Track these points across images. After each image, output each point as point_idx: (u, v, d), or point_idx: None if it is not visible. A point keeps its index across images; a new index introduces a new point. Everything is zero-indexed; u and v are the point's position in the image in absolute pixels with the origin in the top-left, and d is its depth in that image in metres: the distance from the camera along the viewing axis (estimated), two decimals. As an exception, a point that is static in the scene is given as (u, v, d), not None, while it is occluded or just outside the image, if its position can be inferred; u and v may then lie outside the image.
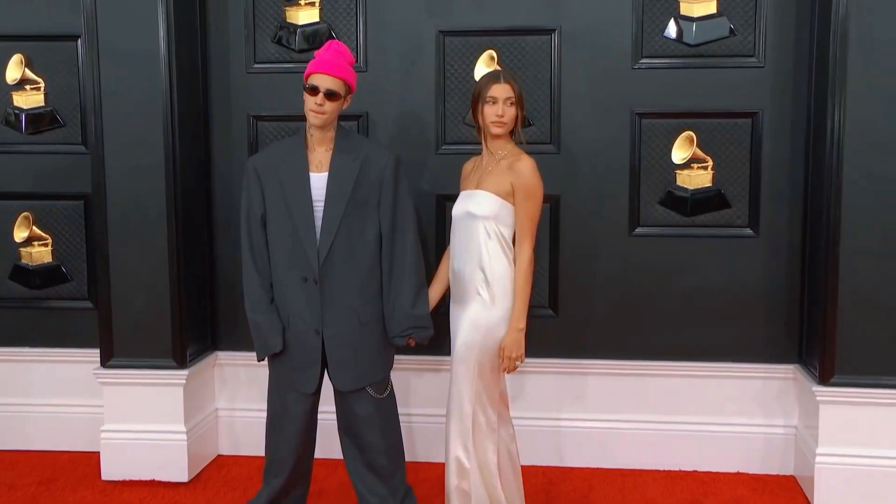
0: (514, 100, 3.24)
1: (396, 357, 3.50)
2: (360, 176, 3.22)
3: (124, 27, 3.86)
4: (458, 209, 3.37)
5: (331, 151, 3.26)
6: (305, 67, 3.24)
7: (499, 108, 3.22)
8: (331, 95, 3.15)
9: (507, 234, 3.29)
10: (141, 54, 3.87)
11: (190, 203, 4.07)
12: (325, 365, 3.32)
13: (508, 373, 3.30)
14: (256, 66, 4.16)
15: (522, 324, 3.25)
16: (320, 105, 3.14)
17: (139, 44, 3.87)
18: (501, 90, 3.23)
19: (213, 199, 4.25)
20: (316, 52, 3.25)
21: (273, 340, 3.28)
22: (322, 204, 3.23)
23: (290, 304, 3.27)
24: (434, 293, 3.51)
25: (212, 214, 4.26)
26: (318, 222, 3.23)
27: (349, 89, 3.25)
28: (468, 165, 3.51)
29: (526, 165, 3.24)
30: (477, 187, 3.32)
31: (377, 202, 3.27)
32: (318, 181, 3.24)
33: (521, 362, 3.27)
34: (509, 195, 3.25)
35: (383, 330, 3.33)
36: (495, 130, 3.25)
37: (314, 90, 3.15)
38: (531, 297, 3.31)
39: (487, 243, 3.25)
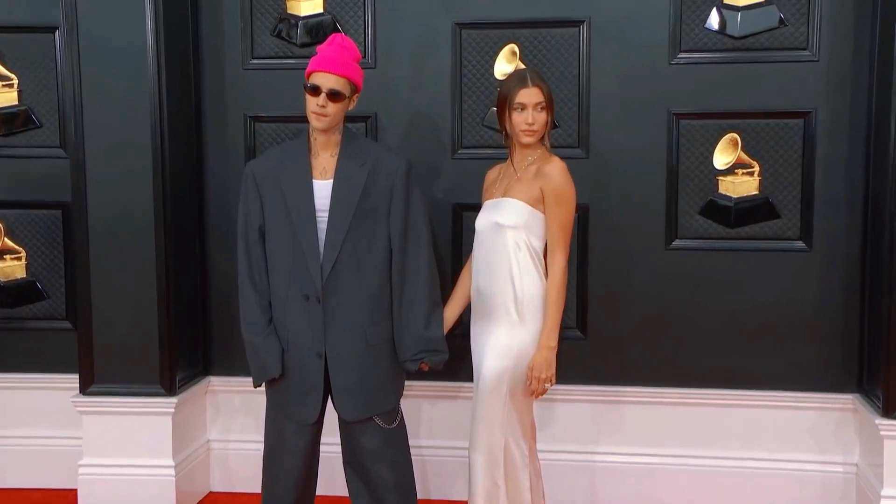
0: (544, 104, 3.22)
1: (408, 383, 3.49)
2: (368, 184, 3.19)
3: (108, 18, 3.80)
4: (482, 220, 3.34)
5: (336, 157, 3.22)
6: (307, 64, 3.20)
7: (528, 116, 3.19)
8: (334, 96, 3.12)
9: (539, 245, 3.26)
10: (126, 48, 3.81)
11: (180, 212, 4.01)
12: (328, 392, 3.28)
13: (537, 397, 3.27)
14: (254, 61, 4.10)
15: (554, 342, 3.22)
16: (323, 107, 3.11)
17: (124, 36, 3.80)
18: (530, 95, 3.19)
19: (205, 208, 4.20)
20: (318, 48, 3.21)
21: (271, 364, 3.24)
22: (326, 214, 3.19)
23: (290, 324, 3.23)
24: (451, 313, 3.47)
25: (204, 225, 4.20)
26: (322, 234, 3.19)
27: (355, 88, 3.21)
28: (492, 173, 3.48)
29: (556, 167, 3.22)
30: (504, 195, 3.29)
31: (387, 212, 3.24)
32: (323, 189, 3.20)
33: (552, 384, 3.25)
34: (539, 202, 3.23)
35: (393, 353, 3.30)
36: (526, 140, 3.24)
37: (316, 90, 3.11)
38: (557, 316, 3.28)
39: (517, 256, 3.22)
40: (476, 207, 3.45)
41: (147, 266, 3.88)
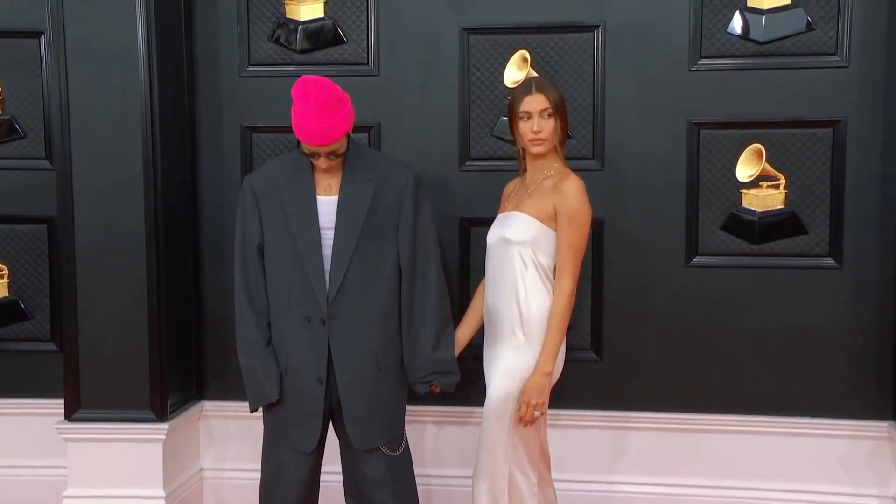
0: (551, 110, 3.19)
1: (415, 407, 3.54)
2: (375, 199, 3.17)
3: (96, 22, 3.76)
4: (492, 234, 3.33)
5: (340, 171, 3.20)
6: (292, 117, 3.12)
7: (534, 124, 3.17)
8: (333, 153, 3.12)
9: (547, 263, 3.23)
10: (116, 54, 3.78)
11: (173, 227, 3.98)
12: (328, 418, 3.27)
13: (525, 424, 3.20)
14: (251, 68, 4.07)
15: (550, 367, 3.18)
16: (326, 164, 3.13)
17: (114, 41, 3.77)
18: (535, 102, 3.18)
19: (200, 222, 4.17)
20: (294, 91, 3.08)
21: (268, 388, 3.21)
22: (331, 232, 3.16)
23: (290, 347, 3.20)
24: (464, 332, 3.47)
25: (198, 240, 4.17)
26: (328, 253, 3.15)
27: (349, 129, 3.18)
28: (510, 186, 3.47)
29: (573, 185, 3.19)
30: (515, 209, 3.27)
31: (395, 229, 3.22)
32: (327, 206, 3.18)
33: (542, 413, 3.21)
34: (551, 219, 3.20)
35: (403, 377, 3.29)
36: (535, 149, 3.22)
37: (314, 156, 3.13)
38: (570, 339, 3.31)
39: (524, 274, 3.20)
40: (485, 222, 3.43)
41: (137, 284, 3.84)
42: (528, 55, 3.87)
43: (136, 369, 3.86)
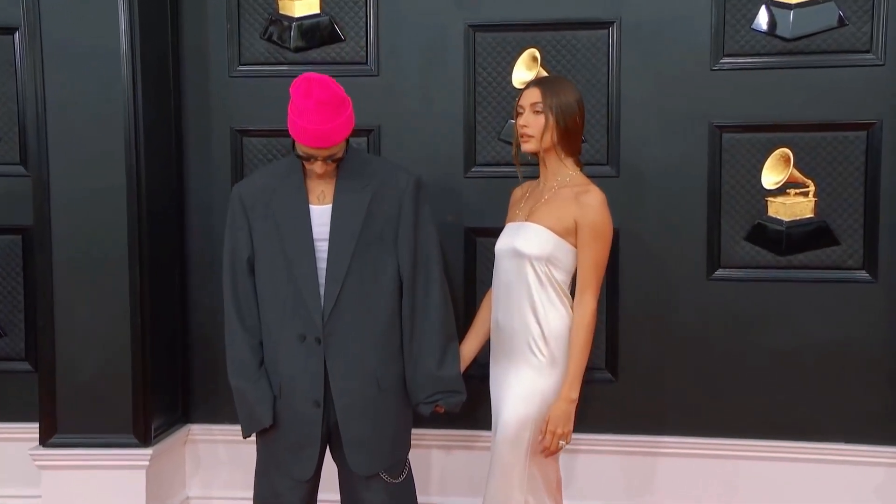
0: (541, 106, 3.14)
1: (418, 430, 3.47)
2: (372, 207, 3.12)
3: (75, 18, 3.73)
4: (502, 245, 3.26)
5: (335, 178, 3.14)
6: (288, 116, 3.06)
7: (522, 118, 3.18)
8: (331, 158, 3.08)
9: (562, 279, 3.17)
10: (97, 52, 3.75)
11: (158, 238, 3.95)
12: (325, 444, 3.20)
13: (549, 454, 3.16)
14: (242, 68, 4.05)
15: (576, 393, 3.13)
16: (321, 172, 3.09)
17: (95, 39, 3.74)
18: (526, 96, 3.18)
19: (186, 233, 4.14)
20: (293, 89, 3.02)
21: (261, 413, 3.15)
22: (326, 243, 3.11)
23: (284, 367, 3.14)
24: (469, 348, 3.40)
25: (185, 253, 4.14)
26: (322, 266, 3.10)
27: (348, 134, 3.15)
28: (518, 191, 3.41)
29: (596, 199, 3.14)
30: (528, 219, 3.20)
31: (394, 238, 3.17)
32: (321, 215, 3.12)
33: (567, 442, 3.15)
34: (570, 233, 3.13)
35: (406, 397, 3.23)
36: (525, 146, 3.21)
37: (309, 159, 3.07)
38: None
39: (539, 291, 3.14)
40: (492, 232, 3.36)
41: (119, 299, 3.82)
42: (537, 54, 3.85)
43: (118, 390, 3.83)
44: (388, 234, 3.14)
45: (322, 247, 3.09)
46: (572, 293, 3.18)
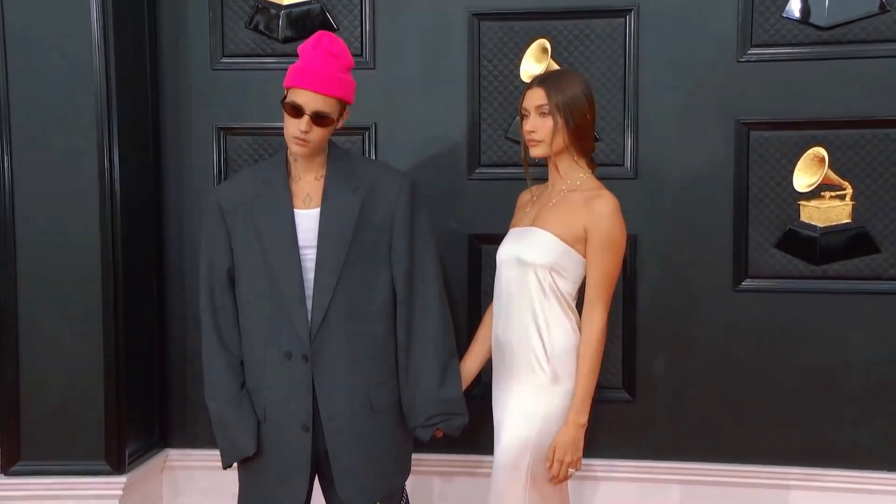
0: (548, 108, 3.07)
1: (417, 455, 3.37)
2: (363, 212, 3.04)
3: (42, 9, 3.67)
4: (504, 252, 3.19)
5: (322, 180, 3.07)
6: (289, 68, 3.01)
7: (528, 122, 3.11)
8: (320, 118, 2.97)
9: (568, 290, 3.09)
10: (65, 43, 3.68)
11: (133, 247, 3.88)
12: (314, 472, 3.10)
13: (557, 482, 3.08)
14: (225, 60, 3.99)
15: (585, 417, 3.06)
16: (305, 132, 2.96)
17: (63, 29, 3.67)
18: (531, 98, 3.11)
19: (164, 241, 4.09)
20: (300, 49, 3.01)
21: (243, 441, 3.05)
22: (313, 252, 3.02)
23: (268, 389, 3.04)
24: (470, 366, 3.32)
25: (163, 262, 4.09)
26: (309, 277, 3.01)
27: (345, 104, 3.07)
28: (526, 195, 3.36)
29: (609, 206, 3.06)
30: (533, 223, 3.13)
31: (388, 245, 3.10)
32: (307, 221, 3.04)
33: (577, 469, 3.07)
34: (578, 241, 3.05)
35: (401, 419, 3.15)
36: (533, 152, 3.14)
37: (297, 111, 2.95)
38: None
39: (543, 302, 3.06)
40: (498, 239, 3.29)
41: (91, 314, 3.74)
42: (548, 45, 3.79)
43: (88, 413, 3.75)
44: (382, 241, 3.08)
45: (309, 255, 3.01)
46: (579, 308, 3.06)
